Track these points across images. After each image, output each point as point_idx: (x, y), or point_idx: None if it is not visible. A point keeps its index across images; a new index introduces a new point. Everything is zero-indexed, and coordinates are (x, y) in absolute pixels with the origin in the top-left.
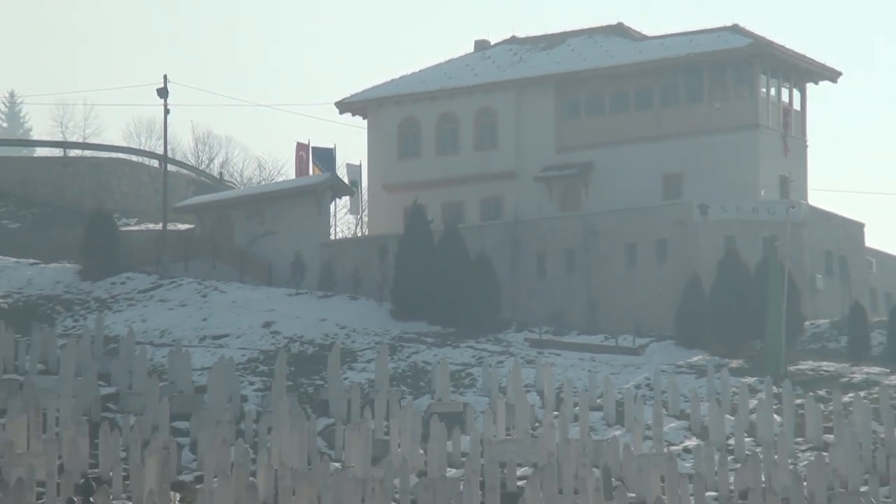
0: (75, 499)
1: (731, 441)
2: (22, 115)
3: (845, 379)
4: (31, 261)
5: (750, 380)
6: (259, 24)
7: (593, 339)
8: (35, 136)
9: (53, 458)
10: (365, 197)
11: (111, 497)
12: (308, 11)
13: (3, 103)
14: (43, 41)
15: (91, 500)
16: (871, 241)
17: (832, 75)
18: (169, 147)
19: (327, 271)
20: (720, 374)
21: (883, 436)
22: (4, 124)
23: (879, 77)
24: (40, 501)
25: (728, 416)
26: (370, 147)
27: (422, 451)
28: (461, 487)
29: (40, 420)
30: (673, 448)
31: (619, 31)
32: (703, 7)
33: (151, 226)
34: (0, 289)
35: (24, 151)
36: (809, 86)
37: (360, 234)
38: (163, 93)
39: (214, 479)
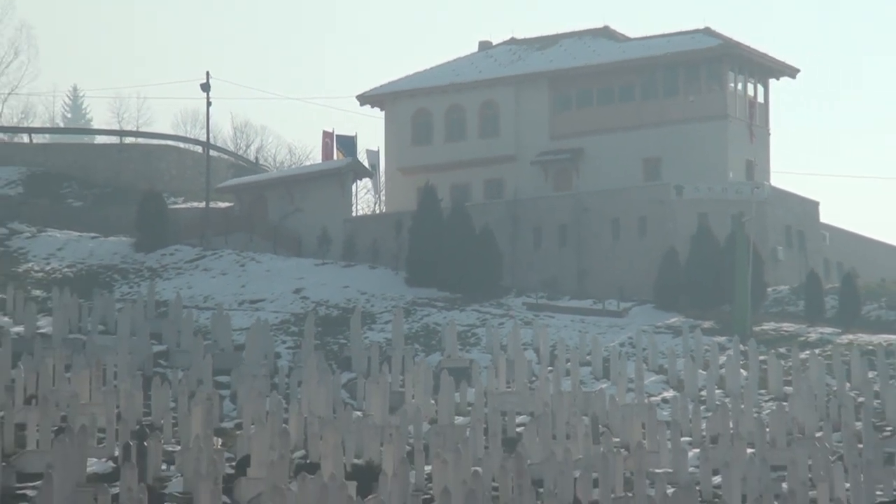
0: (131, 443)
1: (704, 392)
2: (84, 107)
3: (802, 338)
4: (92, 235)
5: (720, 339)
6: (290, 28)
7: (583, 304)
8: (95, 125)
9: (112, 408)
10: (383, 178)
11: (162, 442)
12: (333, 17)
13: (67, 96)
14: (102, 42)
15: (145, 444)
16: (825, 217)
17: (791, 72)
18: (211, 135)
19: (349, 244)
20: (694, 334)
21: (835, 388)
22: (69, 115)
23: (832, 73)
24: (101, 445)
25: (701, 370)
26: (387, 135)
27: (433, 402)
28: (467, 433)
29: (101, 374)
30: (652, 399)
31: (606, 33)
32: (680, 12)
33: (196, 204)
34: (65, 259)
35: (86, 139)
36: (772, 81)
37: (378, 212)
38: (205, 87)
39: (252, 426)
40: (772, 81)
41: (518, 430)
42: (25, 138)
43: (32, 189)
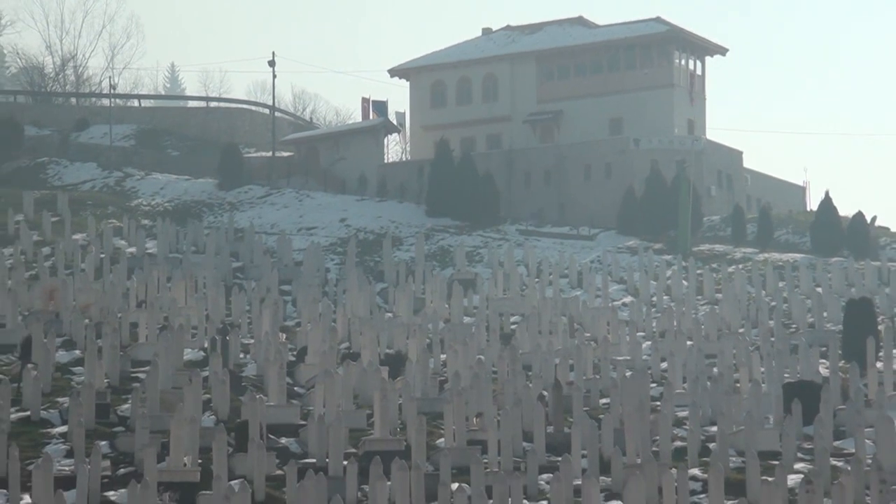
0: (216, 337)
1: (654, 298)
2: (179, 78)
3: (730, 256)
4: (186, 177)
5: (667, 257)
6: (338, 17)
7: (562, 230)
8: (188, 93)
9: (202, 310)
10: (408, 134)
11: (240, 336)
12: (367, 9)
13: (167, 71)
14: (193, 28)
15: (227, 338)
16: (748, 163)
17: (722, 51)
18: (276, 100)
19: (382, 184)
20: (647, 253)
21: (754, 295)
22: (168, 85)
23: (754, 52)
24: (193, 339)
25: (652, 281)
26: (412, 100)
27: (447, 306)
28: (473, 330)
29: (193, 284)
30: (615, 303)
31: (580, 21)
32: (637, 3)
33: (264, 154)
34: (166, 196)
35: (181, 103)
36: (707, 58)
37: (404, 159)
38: (272, 63)
39: (308, 324)
40: (707, 58)
41: (512, 327)
42: (136, 103)
43: (141, 142)
